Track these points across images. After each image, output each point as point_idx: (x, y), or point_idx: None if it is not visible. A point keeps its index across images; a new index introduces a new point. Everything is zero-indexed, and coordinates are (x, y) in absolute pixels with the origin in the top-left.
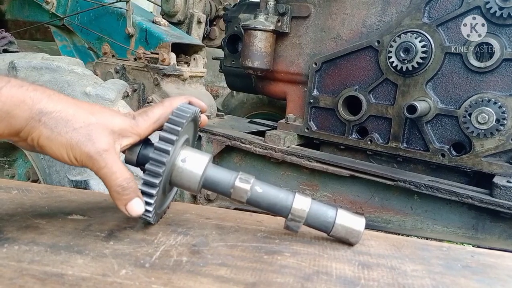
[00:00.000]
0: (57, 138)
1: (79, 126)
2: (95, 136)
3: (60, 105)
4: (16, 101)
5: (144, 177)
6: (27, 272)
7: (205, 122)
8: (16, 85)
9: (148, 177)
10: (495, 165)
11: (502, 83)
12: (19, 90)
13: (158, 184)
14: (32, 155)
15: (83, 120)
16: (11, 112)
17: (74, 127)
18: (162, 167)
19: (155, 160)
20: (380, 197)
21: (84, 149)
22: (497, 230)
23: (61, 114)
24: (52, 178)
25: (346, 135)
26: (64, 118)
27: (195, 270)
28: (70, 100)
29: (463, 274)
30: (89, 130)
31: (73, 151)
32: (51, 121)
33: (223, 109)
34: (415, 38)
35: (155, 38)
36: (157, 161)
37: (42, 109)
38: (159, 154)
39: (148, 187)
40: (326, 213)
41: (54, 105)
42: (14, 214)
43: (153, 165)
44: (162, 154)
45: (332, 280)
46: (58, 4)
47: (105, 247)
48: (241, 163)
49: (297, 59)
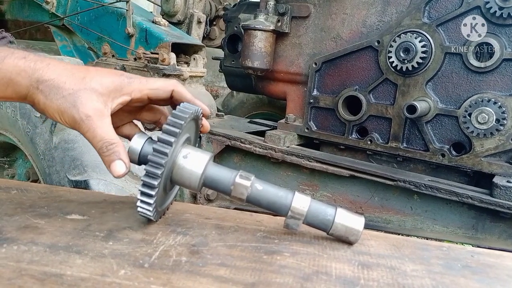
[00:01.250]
0: (50, 104)
1: (68, 94)
2: (80, 102)
3: (55, 73)
4: (18, 70)
5: (146, 168)
6: (26, 272)
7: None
8: (19, 56)
9: (150, 168)
10: (495, 165)
11: (502, 83)
12: (21, 60)
13: (159, 175)
14: (32, 156)
15: (72, 87)
16: (13, 79)
17: (63, 94)
18: (165, 158)
19: (158, 151)
20: (380, 197)
21: (70, 115)
22: (497, 230)
23: (54, 82)
24: (52, 178)
25: (346, 135)
26: (56, 85)
27: (194, 270)
28: (68, 67)
29: (463, 274)
30: (76, 96)
31: (63, 117)
32: (46, 89)
33: (223, 109)
34: (415, 38)
35: (155, 38)
36: (160, 152)
37: (39, 78)
38: (162, 145)
39: (149, 178)
40: (326, 212)
41: (50, 74)
42: (13, 214)
43: (156, 156)
44: (165, 146)
45: (331, 280)
46: (58, 4)
47: (104, 247)
48: (241, 163)
49: (297, 59)
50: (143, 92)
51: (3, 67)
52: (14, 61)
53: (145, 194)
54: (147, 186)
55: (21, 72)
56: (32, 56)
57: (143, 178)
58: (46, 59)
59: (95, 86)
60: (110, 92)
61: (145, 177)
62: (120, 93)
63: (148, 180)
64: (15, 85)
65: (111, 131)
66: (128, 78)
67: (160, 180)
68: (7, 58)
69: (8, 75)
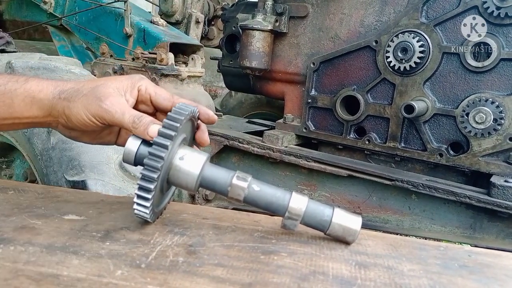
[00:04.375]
0: (74, 105)
1: (88, 91)
2: (101, 93)
3: (73, 83)
4: (40, 88)
5: (142, 172)
6: (22, 272)
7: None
8: (39, 79)
9: (146, 172)
10: (493, 165)
11: (499, 82)
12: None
13: (156, 179)
14: (29, 156)
15: (90, 86)
16: (36, 97)
17: (84, 93)
18: (160, 161)
19: (154, 155)
20: (378, 196)
21: (95, 106)
22: (495, 230)
23: (74, 88)
24: (49, 179)
25: (344, 135)
26: (76, 89)
27: (191, 270)
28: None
29: (460, 274)
30: (96, 91)
31: (89, 111)
32: (68, 95)
33: (221, 109)
34: (412, 37)
35: (153, 38)
36: (156, 156)
37: (61, 90)
38: (157, 149)
39: (146, 182)
40: (323, 212)
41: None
42: (10, 215)
43: (152, 159)
44: (161, 149)
45: (328, 280)
46: (56, 4)
47: (101, 247)
48: (239, 163)
49: (295, 59)
50: (147, 91)
51: (27, 86)
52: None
53: (142, 197)
54: (144, 190)
55: (43, 90)
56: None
57: (139, 182)
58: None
59: (109, 83)
60: (124, 86)
61: (142, 180)
62: (132, 87)
63: (144, 184)
64: (39, 102)
65: (134, 110)
66: (138, 77)
67: (156, 184)
68: (31, 79)
69: (31, 94)
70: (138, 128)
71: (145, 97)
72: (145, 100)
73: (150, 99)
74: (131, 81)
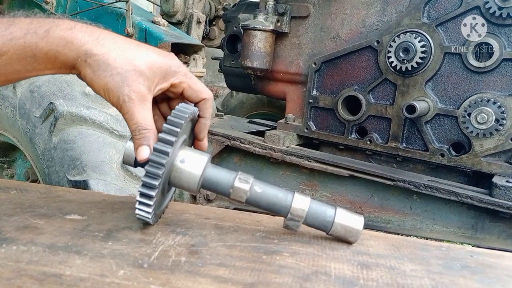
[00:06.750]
0: (97, 80)
1: (116, 72)
2: (127, 84)
3: (105, 48)
4: (64, 42)
5: (144, 179)
6: (25, 272)
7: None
8: (65, 27)
9: (147, 179)
10: (495, 165)
11: (501, 83)
12: (67, 32)
13: (157, 186)
14: (31, 156)
15: (121, 66)
16: (60, 51)
17: (112, 73)
18: (162, 168)
19: (155, 162)
20: (379, 197)
21: (115, 95)
22: (496, 230)
23: (103, 58)
24: (51, 178)
25: (346, 135)
26: (105, 61)
27: (194, 270)
28: (118, 42)
29: (462, 274)
30: (124, 77)
31: (108, 94)
32: (94, 64)
33: (223, 109)
34: (414, 38)
35: (155, 38)
36: (157, 163)
37: (88, 51)
38: (158, 155)
39: (147, 189)
40: (325, 212)
41: (100, 48)
42: (13, 214)
43: (153, 167)
44: (162, 156)
45: (331, 280)
46: (57, 4)
47: (103, 247)
48: (241, 163)
49: (296, 59)
50: (181, 85)
51: (49, 40)
52: (60, 33)
53: (143, 203)
54: (145, 196)
55: (67, 44)
56: (79, 27)
57: (140, 189)
58: (95, 31)
59: (143, 69)
60: (155, 77)
61: (143, 187)
62: (163, 80)
63: (146, 190)
64: (63, 57)
65: (148, 117)
66: (176, 67)
67: (160, 181)
68: (52, 30)
69: (54, 48)
70: (135, 139)
71: (175, 92)
72: (175, 93)
73: (181, 93)
74: (167, 70)
